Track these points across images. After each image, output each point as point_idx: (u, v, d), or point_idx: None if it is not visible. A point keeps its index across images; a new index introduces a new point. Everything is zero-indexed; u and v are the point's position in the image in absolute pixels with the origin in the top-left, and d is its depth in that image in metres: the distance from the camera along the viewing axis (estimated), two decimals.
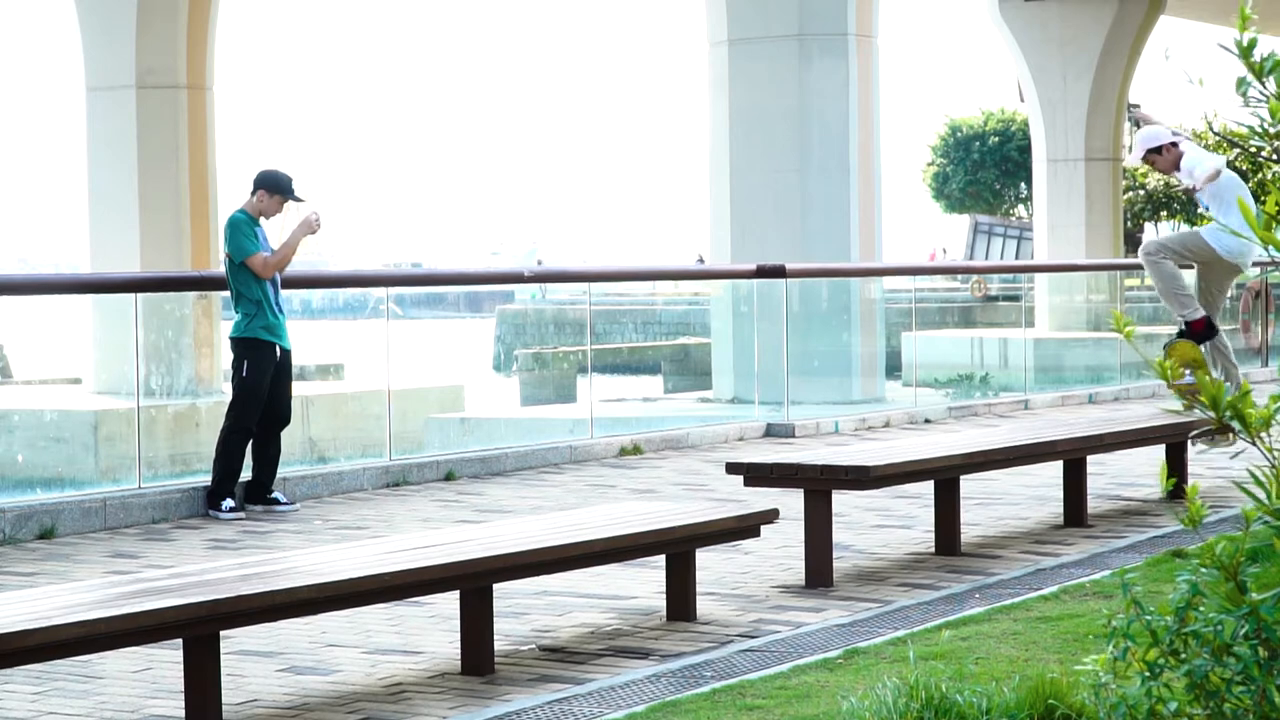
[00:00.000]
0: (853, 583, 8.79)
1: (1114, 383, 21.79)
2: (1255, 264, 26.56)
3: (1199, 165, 10.97)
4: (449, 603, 7.79)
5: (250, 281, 11.50)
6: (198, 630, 5.99)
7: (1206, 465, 12.24)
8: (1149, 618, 3.60)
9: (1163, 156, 11.18)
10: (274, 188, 11.65)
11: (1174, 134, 11.36)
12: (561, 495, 12.33)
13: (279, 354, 11.62)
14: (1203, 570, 3.57)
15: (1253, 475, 3.50)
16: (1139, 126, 11.61)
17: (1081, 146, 32.57)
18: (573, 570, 7.97)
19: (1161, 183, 57.43)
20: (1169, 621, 3.56)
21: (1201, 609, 3.55)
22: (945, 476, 9.58)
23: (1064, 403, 19.92)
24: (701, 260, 59.14)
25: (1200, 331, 11.12)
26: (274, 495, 11.70)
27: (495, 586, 7.07)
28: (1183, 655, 3.53)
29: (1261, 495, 3.46)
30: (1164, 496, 11.46)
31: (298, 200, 11.69)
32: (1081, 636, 6.66)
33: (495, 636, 7.07)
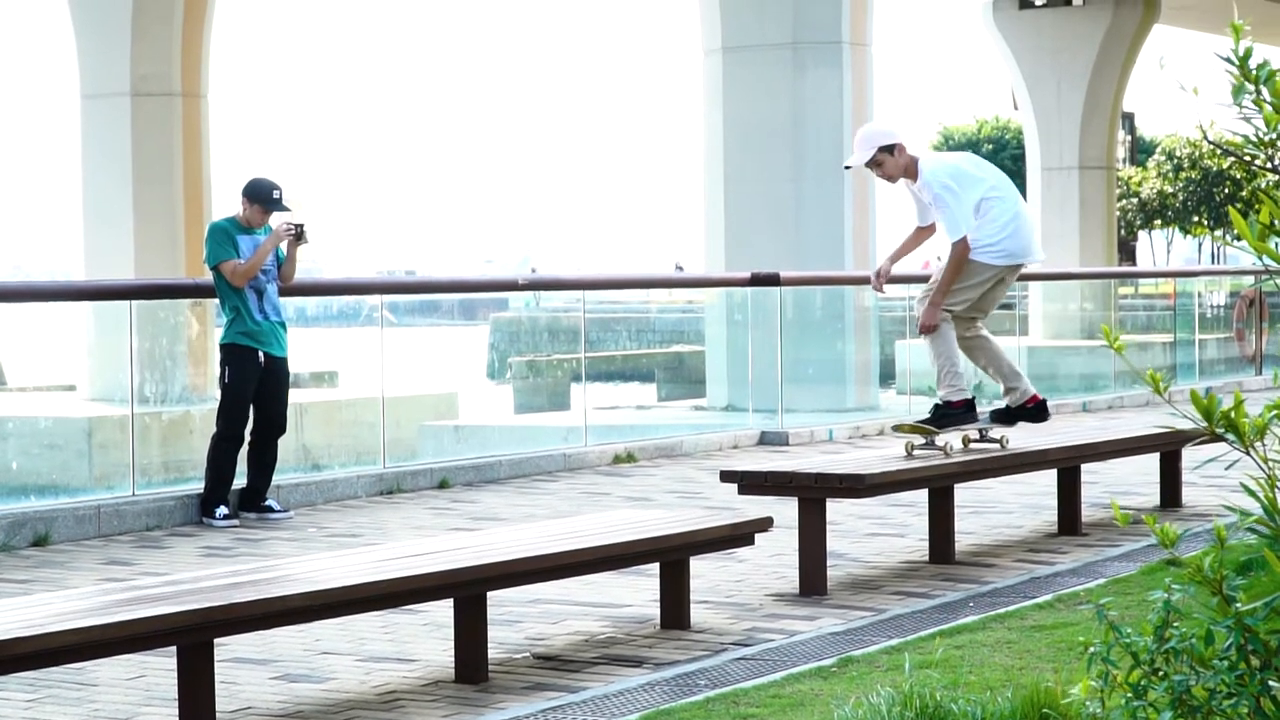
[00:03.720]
0: (847, 591, 8.79)
1: (1108, 391, 21.80)
2: (1251, 272, 26.62)
3: (949, 210, 9.55)
4: (443, 610, 7.79)
5: (226, 288, 11.51)
6: (191, 638, 5.99)
7: (1201, 474, 12.25)
8: (1127, 640, 3.60)
9: (894, 158, 9.74)
10: (253, 197, 11.65)
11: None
12: (555, 503, 12.33)
13: (264, 360, 11.57)
14: (1175, 586, 3.57)
15: (1245, 487, 3.50)
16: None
17: (1076, 155, 32.63)
18: (566, 578, 7.96)
19: (1156, 191, 57.55)
20: (1148, 641, 3.56)
21: (1178, 625, 3.56)
22: (939, 485, 9.58)
23: (1058, 411, 19.92)
24: (680, 269, 59.13)
25: (958, 411, 9.78)
26: (268, 503, 11.70)
27: (489, 594, 7.07)
28: (1164, 673, 3.53)
29: (1254, 505, 3.46)
30: (1156, 505, 11.46)
31: (283, 209, 11.67)
32: (1075, 645, 6.66)
33: (489, 644, 7.07)
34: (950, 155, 10.14)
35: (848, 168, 10.14)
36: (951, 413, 9.75)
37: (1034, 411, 10.04)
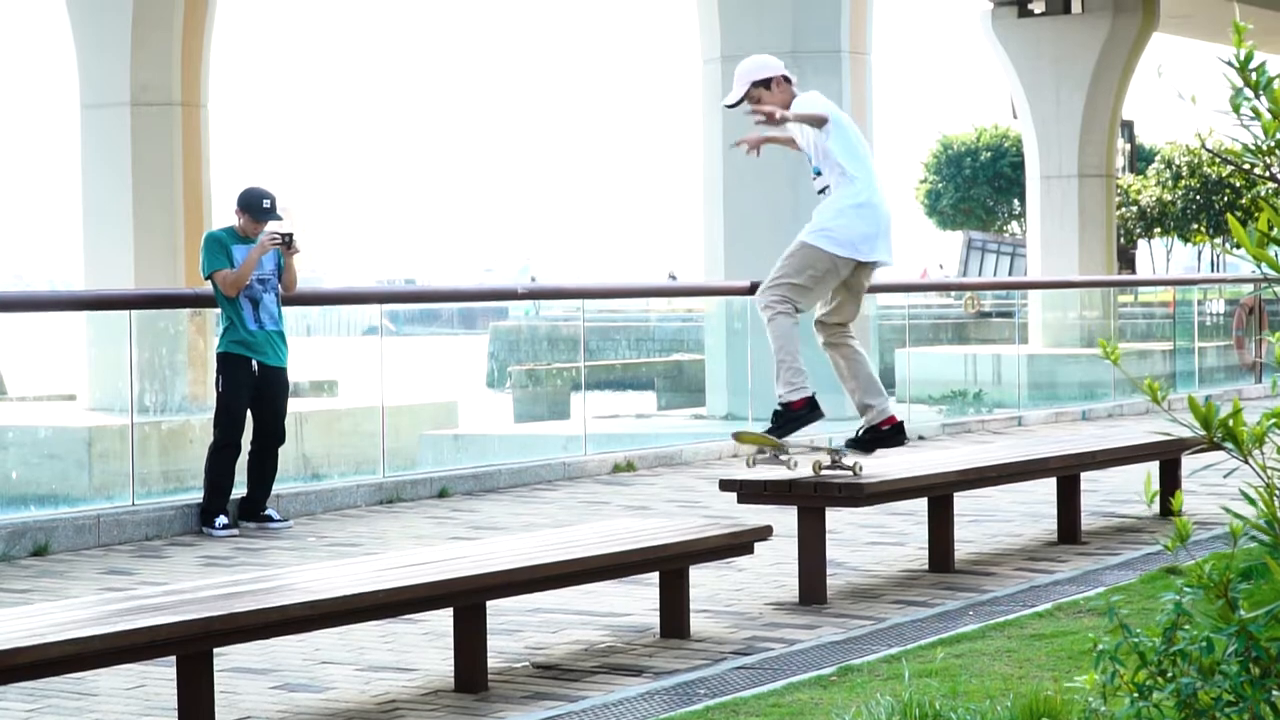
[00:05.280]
0: (846, 600, 8.79)
1: (1107, 399, 21.79)
2: (1250, 280, 26.63)
3: (809, 105, 8.71)
4: (442, 620, 7.79)
5: (222, 297, 11.53)
6: (191, 648, 5.99)
7: (1200, 482, 12.25)
8: (1136, 639, 3.60)
9: (771, 93, 8.84)
10: (245, 207, 11.68)
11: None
12: (555, 512, 12.33)
13: (258, 369, 11.57)
14: (1187, 590, 3.58)
15: (1244, 494, 3.51)
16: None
17: (1075, 163, 32.64)
18: (566, 587, 7.97)
19: (1156, 199, 57.56)
20: (1156, 643, 3.56)
21: (1187, 628, 3.56)
22: (939, 493, 9.58)
23: (1057, 419, 19.93)
24: (674, 277, 59.18)
25: (798, 412, 8.90)
26: (267, 512, 11.69)
27: (489, 604, 7.07)
28: (1170, 675, 3.53)
29: (1253, 512, 3.46)
30: (1156, 513, 11.46)
31: (275, 218, 11.68)
32: (1075, 654, 6.66)
33: (489, 654, 7.07)
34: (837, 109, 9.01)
35: (729, 106, 9.05)
36: (793, 415, 8.89)
37: (890, 434, 9.08)
